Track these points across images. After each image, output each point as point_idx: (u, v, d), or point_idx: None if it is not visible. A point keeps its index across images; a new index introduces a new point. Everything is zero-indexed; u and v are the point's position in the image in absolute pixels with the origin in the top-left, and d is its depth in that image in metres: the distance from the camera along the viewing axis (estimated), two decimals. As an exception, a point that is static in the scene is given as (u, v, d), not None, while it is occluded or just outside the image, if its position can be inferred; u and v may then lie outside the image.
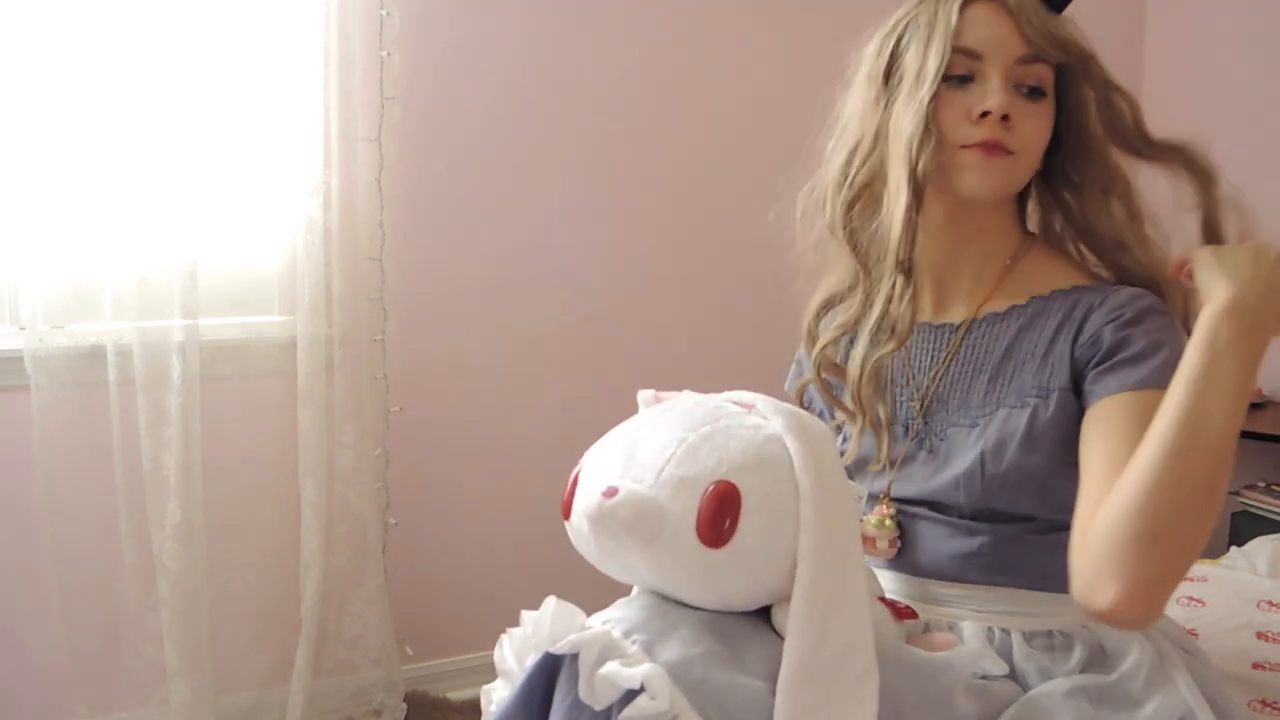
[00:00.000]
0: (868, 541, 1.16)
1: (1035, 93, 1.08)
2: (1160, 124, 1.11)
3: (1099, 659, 1.08)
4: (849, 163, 1.16)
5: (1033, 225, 1.23)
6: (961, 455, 1.12)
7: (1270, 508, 2.61)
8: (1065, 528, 0.99)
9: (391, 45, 2.22)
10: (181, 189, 2.05)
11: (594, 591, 1.12)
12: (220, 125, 2.11)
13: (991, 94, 1.06)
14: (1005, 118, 1.06)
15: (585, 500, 0.96)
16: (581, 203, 2.53)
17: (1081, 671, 1.06)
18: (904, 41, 1.12)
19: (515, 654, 0.98)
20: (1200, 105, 2.97)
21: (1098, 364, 1.06)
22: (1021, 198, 1.21)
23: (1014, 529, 1.11)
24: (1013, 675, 1.06)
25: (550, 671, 0.89)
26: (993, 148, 1.07)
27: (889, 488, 1.19)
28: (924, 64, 1.08)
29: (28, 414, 2.00)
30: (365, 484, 2.26)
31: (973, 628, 1.11)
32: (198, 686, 2.09)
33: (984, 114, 1.06)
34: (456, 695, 2.39)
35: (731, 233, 2.66)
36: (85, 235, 2.02)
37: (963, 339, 1.18)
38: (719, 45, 2.62)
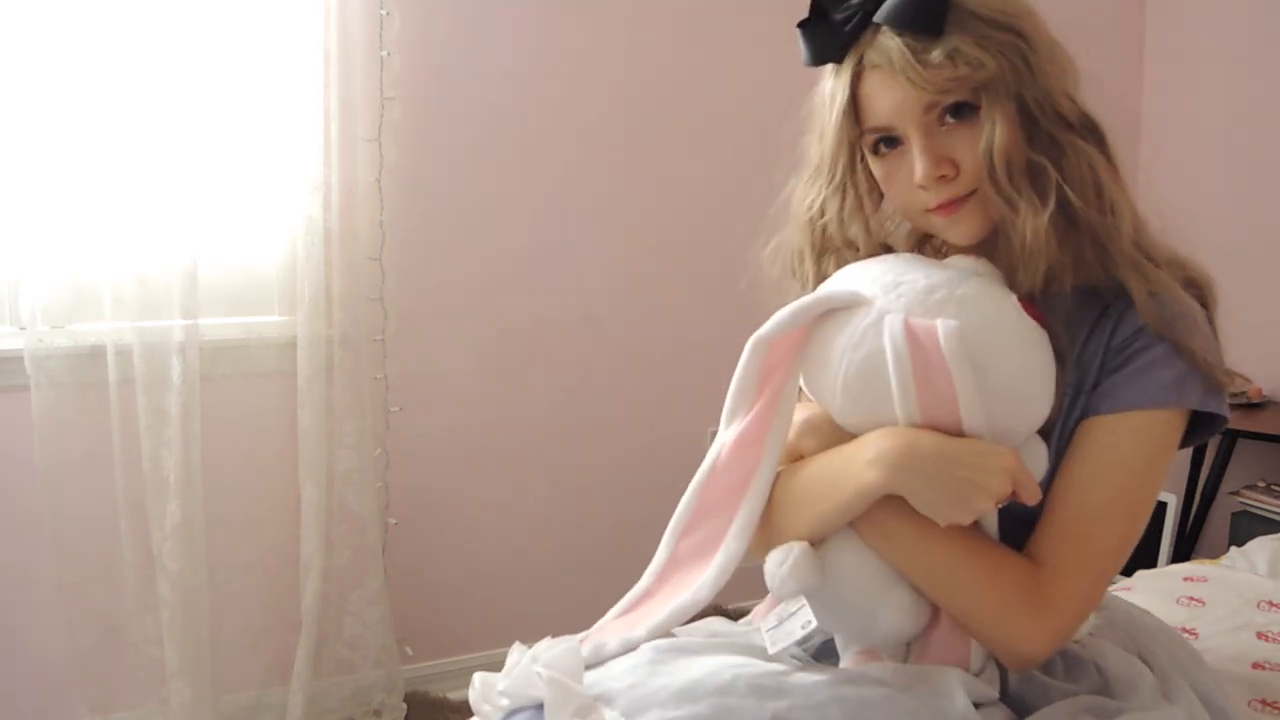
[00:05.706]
0: None
1: (963, 111, 0.99)
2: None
3: (1096, 680, 1.04)
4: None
5: None
6: None
7: (1270, 508, 2.61)
8: None
9: (391, 45, 2.23)
10: (181, 189, 2.05)
11: (590, 588, 1.12)
12: (220, 125, 2.12)
13: (916, 163, 1.01)
14: (943, 175, 1.01)
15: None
16: (581, 201, 2.53)
17: (1076, 688, 1.02)
18: (810, 134, 1.11)
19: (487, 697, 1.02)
20: (1199, 108, 2.98)
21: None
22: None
23: (1017, 538, 1.04)
24: (1006, 697, 1.01)
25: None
26: (948, 206, 1.02)
27: None
28: (822, 157, 1.08)
29: (28, 414, 2.00)
30: (365, 484, 2.26)
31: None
32: (198, 686, 2.09)
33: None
34: (456, 695, 2.39)
35: (732, 230, 2.66)
36: (85, 235, 2.02)
37: None
38: (719, 44, 2.62)
